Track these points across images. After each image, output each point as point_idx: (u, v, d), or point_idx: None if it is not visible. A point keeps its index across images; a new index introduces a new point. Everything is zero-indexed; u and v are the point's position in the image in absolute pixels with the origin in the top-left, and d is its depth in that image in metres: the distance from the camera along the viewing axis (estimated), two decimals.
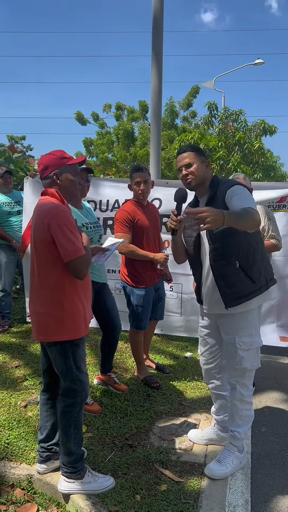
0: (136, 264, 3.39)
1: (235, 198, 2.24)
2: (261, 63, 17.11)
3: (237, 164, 12.62)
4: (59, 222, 2.00)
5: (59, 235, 2.00)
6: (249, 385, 2.48)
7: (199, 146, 2.63)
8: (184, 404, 3.26)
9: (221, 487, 2.35)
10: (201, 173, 2.38)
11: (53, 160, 2.15)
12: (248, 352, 2.39)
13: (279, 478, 2.45)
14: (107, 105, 19.22)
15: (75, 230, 2.08)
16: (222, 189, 2.32)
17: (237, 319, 2.38)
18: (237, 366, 2.41)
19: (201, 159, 2.39)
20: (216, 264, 2.35)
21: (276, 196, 4.08)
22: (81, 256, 2.03)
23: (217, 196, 2.32)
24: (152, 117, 5.45)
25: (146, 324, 3.49)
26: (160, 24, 5.25)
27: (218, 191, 2.33)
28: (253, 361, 2.43)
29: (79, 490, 2.19)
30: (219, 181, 2.40)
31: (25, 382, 3.44)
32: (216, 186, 2.37)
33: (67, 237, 2.01)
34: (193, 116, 18.24)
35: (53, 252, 2.04)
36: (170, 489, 2.28)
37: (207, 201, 2.35)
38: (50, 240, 2.03)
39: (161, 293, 3.65)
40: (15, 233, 4.73)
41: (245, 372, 2.43)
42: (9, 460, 2.46)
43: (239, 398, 2.45)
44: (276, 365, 4.18)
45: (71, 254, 2.01)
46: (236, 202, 2.22)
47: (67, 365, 2.15)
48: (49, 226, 2.01)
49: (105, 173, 8.96)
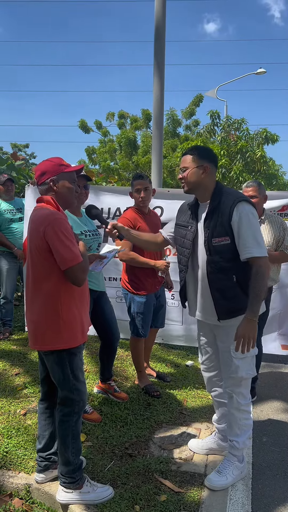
0: (137, 271, 3.39)
1: (242, 236, 2.22)
2: (263, 72, 17.22)
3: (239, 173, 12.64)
4: (55, 229, 1.99)
5: (56, 242, 1.99)
6: (246, 393, 2.45)
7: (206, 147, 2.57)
8: (184, 413, 3.23)
9: (222, 497, 2.32)
10: (194, 179, 2.34)
11: (50, 166, 2.15)
12: (243, 361, 2.37)
13: (280, 489, 2.42)
14: (110, 113, 19.35)
15: (72, 237, 2.06)
16: (227, 202, 2.27)
17: (231, 329, 2.35)
18: (232, 374, 2.39)
19: (199, 163, 2.33)
20: (213, 277, 2.33)
21: (277, 205, 4.08)
22: (78, 263, 2.02)
23: (220, 208, 2.28)
24: (154, 126, 5.48)
25: (147, 332, 3.48)
26: (162, 34, 5.30)
27: (222, 203, 2.28)
28: (248, 369, 2.41)
29: (78, 500, 2.17)
30: (222, 190, 2.35)
31: (24, 390, 3.42)
32: (219, 196, 2.32)
33: (64, 244, 2.00)
34: (196, 124, 18.32)
35: (49, 260, 2.03)
36: (170, 499, 2.26)
37: (208, 211, 2.32)
38: (46, 248, 2.02)
39: (162, 300, 3.64)
40: (16, 240, 4.74)
41: (241, 381, 2.41)
42: (8, 469, 2.44)
43: (236, 407, 2.43)
44: (277, 374, 4.15)
45: (68, 261, 2.00)
46: (243, 241, 2.22)
47: (64, 374, 2.13)
48: (44, 234, 2.00)
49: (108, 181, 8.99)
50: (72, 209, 2.80)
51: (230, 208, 2.24)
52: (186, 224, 2.46)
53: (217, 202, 2.30)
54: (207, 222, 2.32)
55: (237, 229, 2.23)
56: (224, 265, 2.28)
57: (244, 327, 2.22)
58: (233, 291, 2.31)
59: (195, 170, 2.33)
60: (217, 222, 2.28)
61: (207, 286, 2.36)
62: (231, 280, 2.29)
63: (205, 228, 2.32)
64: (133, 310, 3.43)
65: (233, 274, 2.29)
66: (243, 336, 2.21)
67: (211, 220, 2.30)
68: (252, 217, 2.26)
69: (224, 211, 2.26)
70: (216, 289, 2.33)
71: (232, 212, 2.23)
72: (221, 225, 2.26)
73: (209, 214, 2.31)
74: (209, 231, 2.29)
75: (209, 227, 2.30)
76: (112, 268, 4.34)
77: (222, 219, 2.26)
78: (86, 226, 2.99)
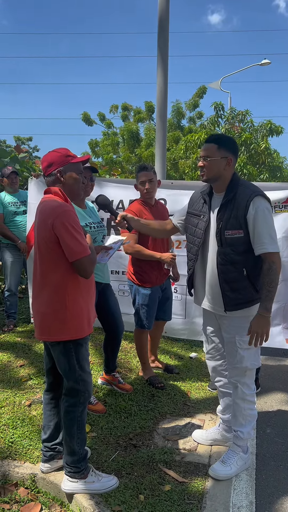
0: (142, 263, 3.39)
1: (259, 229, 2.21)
2: (268, 63, 17.05)
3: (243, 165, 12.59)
4: (63, 221, 1.99)
5: (64, 234, 1.99)
6: (250, 384, 2.47)
7: (230, 138, 2.45)
8: (188, 405, 3.24)
9: (226, 488, 2.33)
10: (216, 170, 2.29)
11: (57, 157, 2.15)
12: (248, 351, 2.38)
13: (284, 479, 2.43)
14: (114, 105, 19.27)
15: (80, 229, 2.07)
16: (243, 195, 2.25)
17: (237, 319, 2.38)
18: (237, 365, 2.41)
19: (223, 154, 2.27)
20: (223, 268, 2.32)
21: (282, 196, 4.05)
22: (87, 255, 2.03)
23: (236, 200, 2.26)
24: (158, 118, 5.45)
25: (151, 324, 3.48)
26: (166, 25, 5.25)
27: (238, 196, 2.26)
28: (253, 360, 2.42)
29: (83, 490, 2.19)
30: (238, 182, 2.32)
31: (29, 381, 3.44)
32: (235, 188, 2.29)
33: (73, 236, 2.00)
34: (199, 116, 18.22)
35: (57, 252, 2.04)
36: (174, 489, 2.27)
37: (223, 203, 2.30)
38: (54, 239, 2.02)
39: (168, 293, 3.64)
40: (20, 233, 4.74)
41: (246, 371, 2.42)
42: (13, 459, 2.47)
43: (241, 397, 2.44)
44: (281, 367, 4.15)
45: (77, 253, 2.01)
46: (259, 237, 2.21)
47: (70, 364, 2.15)
48: (53, 226, 2.00)
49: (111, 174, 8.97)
50: (76, 201, 2.79)
51: (247, 202, 2.22)
52: (199, 213, 2.44)
53: (233, 195, 2.28)
54: (220, 213, 2.30)
55: (253, 223, 2.22)
56: (235, 257, 2.28)
57: (257, 323, 2.24)
58: (242, 284, 2.31)
59: (218, 161, 2.28)
60: (231, 215, 2.26)
61: (216, 277, 2.36)
62: (241, 272, 2.29)
63: (218, 220, 2.31)
64: (138, 302, 3.43)
65: (243, 267, 2.29)
66: (257, 331, 2.24)
67: (225, 212, 2.28)
68: (268, 212, 2.25)
69: (240, 204, 2.24)
70: (225, 280, 2.33)
71: (249, 206, 2.22)
72: (235, 218, 2.25)
73: (224, 205, 2.30)
74: (222, 222, 2.28)
75: (222, 218, 2.29)
76: (114, 261, 4.33)
77: (237, 212, 2.24)
78: (91, 218, 2.98)
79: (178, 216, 2.66)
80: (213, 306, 2.47)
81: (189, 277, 2.57)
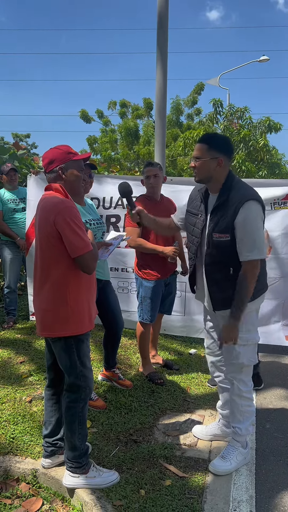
0: (146, 256, 3.43)
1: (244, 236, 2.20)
2: (266, 60, 17.03)
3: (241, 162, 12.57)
4: (65, 217, 2.00)
5: (66, 230, 2.00)
6: (247, 381, 2.48)
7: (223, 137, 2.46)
8: (188, 400, 3.26)
9: (226, 482, 2.35)
10: (207, 171, 2.27)
11: (59, 154, 2.15)
12: (244, 348, 2.39)
13: (284, 474, 2.45)
14: (112, 102, 19.21)
15: (82, 225, 2.08)
16: (234, 199, 2.23)
17: None
18: (233, 361, 2.42)
19: (213, 155, 2.24)
20: (208, 268, 2.35)
21: (281, 193, 4.06)
22: (89, 251, 2.03)
23: (228, 204, 2.24)
24: (157, 115, 5.43)
25: (154, 317, 3.51)
26: (165, 21, 5.23)
27: (230, 199, 2.24)
28: (250, 356, 2.44)
29: (84, 485, 2.20)
30: (232, 184, 2.29)
31: (30, 378, 3.45)
32: (228, 190, 2.27)
33: (75, 232, 2.01)
34: (197, 113, 18.19)
35: (58, 248, 2.04)
36: (175, 484, 2.29)
37: (216, 205, 2.29)
38: (56, 235, 2.02)
39: (171, 288, 3.66)
40: (20, 230, 4.74)
41: (242, 368, 2.43)
42: (15, 455, 2.48)
43: (237, 394, 2.46)
44: (280, 363, 4.17)
45: (79, 249, 2.01)
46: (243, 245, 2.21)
47: (71, 360, 2.16)
48: (55, 222, 2.00)
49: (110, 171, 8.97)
50: (76, 198, 2.78)
51: (236, 207, 2.20)
52: (197, 212, 2.45)
53: (226, 197, 2.26)
54: (212, 215, 2.31)
55: (240, 230, 2.21)
56: (220, 259, 2.30)
57: (226, 331, 2.30)
58: (229, 284, 2.31)
59: (208, 161, 2.25)
60: (220, 218, 2.26)
61: (204, 276, 2.39)
62: (227, 272, 2.30)
63: (210, 221, 2.32)
64: (141, 294, 3.48)
65: (230, 267, 2.29)
66: (225, 338, 2.31)
67: (216, 214, 2.29)
68: (257, 219, 2.23)
69: (230, 208, 2.23)
70: (211, 280, 2.36)
71: (238, 211, 2.20)
72: (224, 222, 2.24)
73: (216, 208, 2.30)
74: (212, 224, 2.29)
75: (213, 220, 2.30)
76: (113, 258, 4.33)
77: (227, 216, 2.24)
78: (90, 215, 2.99)
79: (178, 214, 2.67)
80: (207, 304, 2.50)
81: (190, 274, 2.58)
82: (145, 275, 3.44)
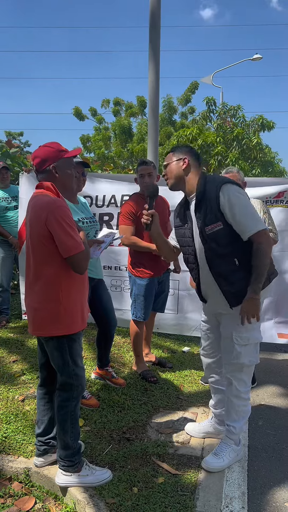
0: (139, 254, 3.43)
1: (238, 215, 2.20)
2: (259, 58, 17.06)
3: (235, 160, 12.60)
4: (56, 216, 1.98)
5: (58, 230, 1.98)
6: (247, 380, 2.44)
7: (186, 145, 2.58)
8: (181, 398, 3.27)
9: (218, 479, 2.36)
10: (175, 172, 2.37)
11: (51, 153, 2.13)
12: (245, 348, 2.36)
13: (276, 470, 2.47)
14: (105, 100, 19.12)
15: (74, 224, 2.06)
16: (210, 188, 2.26)
17: (236, 315, 2.34)
18: (233, 361, 2.39)
19: (177, 157, 2.36)
20: (211, 264, 2.32)
21: (273, 191, 4.08)
22: (81, 251, 2.02)
23: (206, 196, 2.26)
24: (150, 113, 5.43)
25: (147, 315, 3.51)
26: (157, 19, 5.22)
27: (208, 191, 2.27)
28: (251, 356, 2.40)
29: (77, 483, 2.20)
30: (205, 180, 2.33)
31: (22, 377, 3.44)
32: (203, 185, 2.30)
33: (66, 232, 1.99)
34: (191, 112, 18.17)
35: (50, 247, 2.03)
36: (167, 481, 2.30)
37: (196, 202, 2.30)
38: (47, 235, 2.01)
39: (164, 286, 3.66)
40: (12, 228, 4.73)
41: (243, 368, 2.40)
42: (7, 454, 2.47)
43: (235, 394, 2.44)
44: (273, 360, 4.20)
45: (71, 249, 2.00)
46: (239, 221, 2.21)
47: (64, 359, 2.15)
48: (46, 221, 1.98)
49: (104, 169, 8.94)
50: (69, 196, 2.78)
51: (216, 193, 2.23)
52: (182, 223, 2.47)
53: (203, 191, 2.29)
54: (197, 213, 2.31)
55: (229, 211, 2.21)
56: (221, 251, 2.27)
57: (247, 306, 2.24)
58: (237, 275, 2.29)
59: (175, 163, 2.36)
60: (206, 210, 2.26)
61: (211, 274, 2.35)
62: (233, 264, 2.28)
63: (197, 219, 2.32)
64: (134, 292, 3.49)
65: (234, 258, 2.27)
66: (247, 313, 2.25)
67: (201, 209, 2.29)
68: (239, 195, 2.25)
69: (210, 197, 2.25)
70: (218, 275, 2.32)
71: (219, 196, 2.22)
72: (211, 212, 2.25)
73: (197, 204, 2.31)
74: (201, 221, 2.28)
75: (200, 217, 2.29)
76: (106, 256, 4.33)
77: (211, 206, 2.24)
78: (83, 213, 2.98)
79: (171, 235, 2.63)
80: (216, 306, 2.45)
81: (197, 286, 2.51)
82: (139, 273, 3.44)
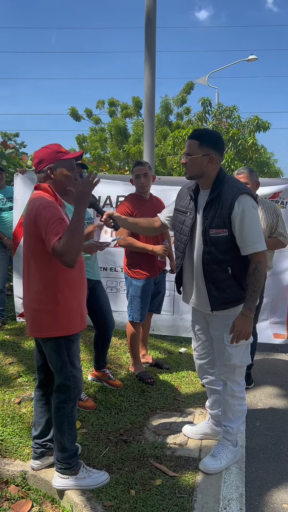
0: (136, 255, 3.42)
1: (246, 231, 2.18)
2: (255, 59, 17.09)
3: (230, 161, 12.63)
4: (44, 215, 1.96)
5: (42, 230, 1.95)
6: (240, 381, 2.46)
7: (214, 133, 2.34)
8: (178, 399, 3.26)
9: (216, 481, 2.35)
10: (198, 168, 2.24)
11: (48, 154, 2.12)
12: (236, 349, 2.36)
13: (273, 471, 2.46)
14: (100, 101, 19.10)
15: (61, 224, 1.97)
16: (228, 193, 2.20)
17: (225, 317, 2.35)
18: (226, 362, 2.40)
19: (204, 152, 2.20)
20: (207, 268, 2.31)
21: (269, 192, 4.09)
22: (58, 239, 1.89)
23: (221, 198, 2.21)
24: (146, 113, 5.42)
25: (144, 317, 3.50)
26: (153, 20, 5.22)
27: (223, 194, 2.22)
28: (242, 357, 2.41)
29: (74, 486, 2.19)
30: (223, 180, 2.26)
31: (19, 379, 3.42)
32: (220, 185, 2.24)
33: (46, 231, 1.93)
34: (187, 112, 18.18)
35: (44, 248, 2.01)
36: (165, 483, 2.29)
37: (209, 200, 2.26)
38: (40, 234, 1.99)
39: (160, 287, 3.65)
40: (7, 229, 4.70)
41: (235, 369, 2.41)
42: (3, 457, 2.45)
43: (230, 394, 2.44)
44: (269, 361, 4.20)
45: (49, 244, 1.90)
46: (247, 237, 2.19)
47: (62, 361, 2.14)
48: (35, 221, 1.98)
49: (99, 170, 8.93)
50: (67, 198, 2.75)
51: (232, 200, 2.18)
52: (185, 210, 2.41)
53: (218, 192, 2.23)
54: (206, 211, 2.27)
55: (239, 224, 2.18)
56: (220, 257, 2.26)
57: (239, 322, 2.23)
58: (227, 283, 2.29)
59: (199, 158, 2.22)
60: (216, 213, 2.22)
61: (202, 276, 2.34)
62: (226, 272, 2.27)
63: (203, 218, 2.28)
64: (131, 294, 3.47)
65: (228, 266, 2.26)
66: (239, 331, 2.22)
67: (210, 210, 2.25)
68: (254, 210, 2.22)
69: (224, 202, 2.20)
70: (210, 280, 2.31)
71: (234, 205, 2.18)
72: (220, 217, 2.21)
73: (209, 203, 2.26)
74: (207, 221, 2.25)
75: (207, 217, 2.25)
76: (102, 257, 4.32)
77: (222, 211, 2.21)
78: None
79: (165, 212, 2.64)
80: (200, 305, 2.45)
81: (177, 275, 2.55)
82: (135, 274, 3.43)
